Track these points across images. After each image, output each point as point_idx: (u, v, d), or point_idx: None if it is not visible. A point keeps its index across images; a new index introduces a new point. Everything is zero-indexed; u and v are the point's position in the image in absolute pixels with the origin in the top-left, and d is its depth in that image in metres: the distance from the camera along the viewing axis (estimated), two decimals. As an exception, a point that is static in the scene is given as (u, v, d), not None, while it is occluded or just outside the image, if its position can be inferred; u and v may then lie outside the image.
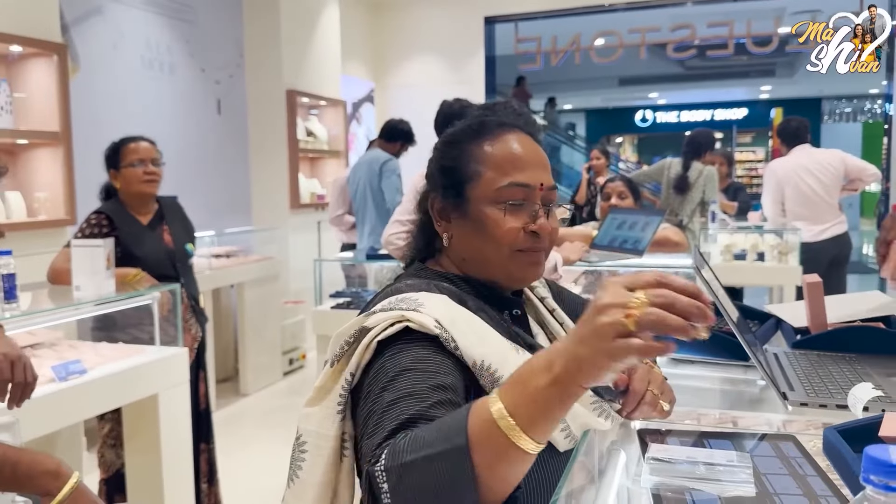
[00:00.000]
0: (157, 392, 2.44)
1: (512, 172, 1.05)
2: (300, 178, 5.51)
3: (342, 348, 0.95)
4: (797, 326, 1.53)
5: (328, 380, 0.96)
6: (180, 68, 5.28)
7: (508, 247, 1.04)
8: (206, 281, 4.43)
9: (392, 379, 0.88)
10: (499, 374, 0.93)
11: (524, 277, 1.09)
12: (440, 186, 1.10)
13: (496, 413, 0.71)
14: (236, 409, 4.70)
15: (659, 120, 17.73)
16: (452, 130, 1.14)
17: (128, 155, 2.72)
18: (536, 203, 1.06)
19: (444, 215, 1.10)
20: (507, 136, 1.08)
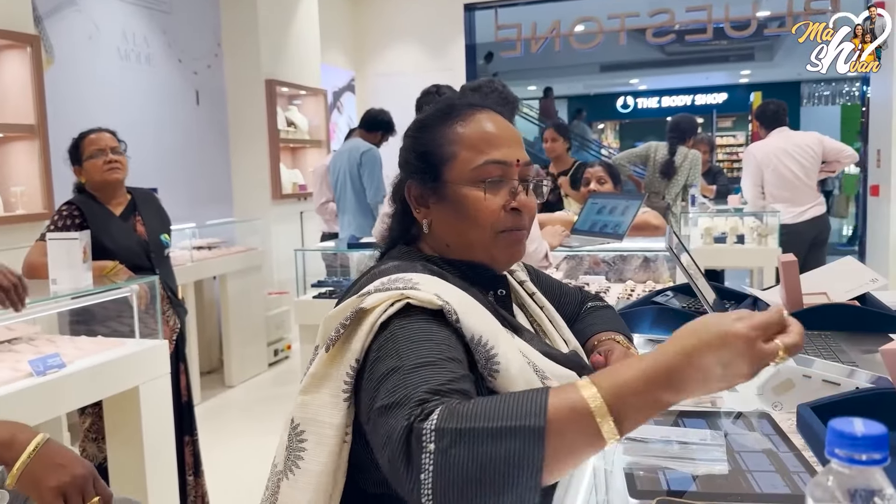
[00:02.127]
0: (138, 385, 2.42)
1: (487, 150, 1.04)
2: (281, 168, 5.48)
3: (337, 332, 0.92)
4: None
5: (323, 366, 0.93)
6: (157, 59, 5.21)
7: (491, 227, 1.04)
8: (188, 273, 4.41)
9: (408, 347, 0.85)
10: (494, 352, 0.92)
11: (509, 258, 1.08)
12: (416, 172, 1.08)
13: (591, 399, 0.70)
14: (222, 400, 4.69)
15: (640, 106, 17.76)
16: (422, 116, 1.13)
17: (87, 147, 2.70)
18: (515, 179, 1.05)
19: (422, 201, 1.09)
20: (477, 115, 1.07)
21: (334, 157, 4.87)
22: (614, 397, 0.70)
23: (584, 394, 0.71)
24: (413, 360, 0.84)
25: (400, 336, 0.87)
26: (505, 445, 0.69)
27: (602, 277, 3.20)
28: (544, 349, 1.02)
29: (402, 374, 0.82)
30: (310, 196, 5.51)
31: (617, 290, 3.00)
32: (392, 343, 0.87)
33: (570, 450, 0.70)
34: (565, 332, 1.14)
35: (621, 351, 1.08)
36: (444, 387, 0.80)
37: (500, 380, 0.92)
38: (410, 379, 0.81)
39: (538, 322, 1.14)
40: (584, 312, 1.28)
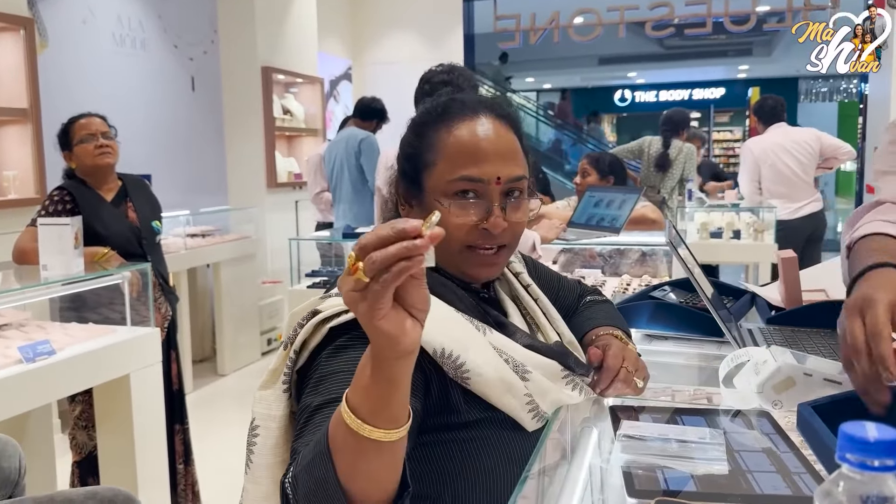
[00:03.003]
0: (129, 373, 2.40)
1: (465, 165, 0.98)
2: (277, 156, 5.44)
3: (294, 331, 0.92)
4: (773, 303, 1.53)
5: (280, 362, 0.94)
6: (152, 44, 5.17)
7: (456, 242, 0.99)
8: (181, 260, 4.37)
9: (322, 380, 0.86)
10: (461, 361, 0.91)
11: (476, 276, 1.04)
12: (402, 171, 1.07)
13: (343, 411, 0.68)
14: (214, 389, 4.67)
15: (637, 99, 17.71)
16: (420, 112, 1.09)
17: (77, 132, 2.67)
18: (491, 200, 0.98)
19: (406, 199, 1.07)
20: (469, 122, 1.01)
21: (330, 146, 4.84)
22: (354, 399, 0.68)
23: (340, 406, 0.70)
24: (322, 397, 0.84)
25: (324, 366, 0.88)
26: (315, 475, 0.71)
27: (598, 271, 3.19)
28: (528, 342, 1.01)
29: (306, 416, 0.83)
30: (305, 185, 5.48)
31: (613, 284, 2.98)
32: (318, 371, 0.88)
33: (356, 458, 0.69)
34: (559, 325, 1.12)
35: (619, 346, 1.07)
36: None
37: (476, 384, 0.92)
38: (311, 421, 0.82)
39: (532, 315, 1.12)
40: (582, 306, 1.27)
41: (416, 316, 0.64)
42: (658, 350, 1.35)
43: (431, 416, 0.91)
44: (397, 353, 0.64)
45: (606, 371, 1.02)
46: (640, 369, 1.06)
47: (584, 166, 3.44)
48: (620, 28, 7.17)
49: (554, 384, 0.98)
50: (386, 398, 0.67)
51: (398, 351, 0.64)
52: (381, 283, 0.60)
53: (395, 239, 0.61)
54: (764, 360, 0.99)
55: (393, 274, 0.60)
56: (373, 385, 0.66)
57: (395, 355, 0.64)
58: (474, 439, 0.93)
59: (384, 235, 0.61)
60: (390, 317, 0.62)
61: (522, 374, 0.95)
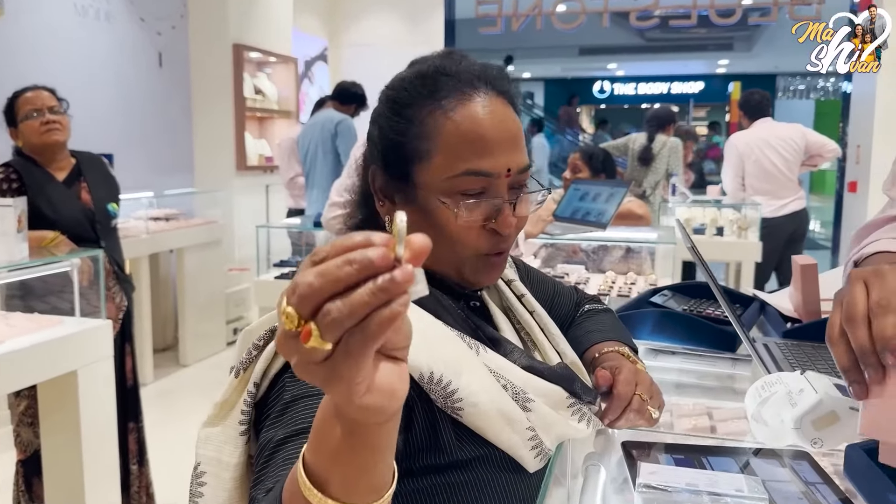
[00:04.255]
0: (77, 368, 2.21)
1: (469, 157, 0.81)
2: (247, 138, 5.22)
3: (249, 353, 0.75)
4: (785, 313, 1.39)
5: (233, 393, 0.76)
6: (118, 17, 4.91)
7: (464, 248, 0.84)
8: (142, 245, 4.16)
9: (287, 407, 0.70)
10: (453, 388, 0.75)
11: (478, 282, 0.89)
12: (381, 161, 0.87)
13: (301, 482, 0.50)
14: (175, 380, 4.47)
15: (617, 92, 17.65)
16: (399, 87, 0.86)
17: (23, 107, 2.46)
18: (500, 196, 0.83)
19: (386, 194, 0.88)
20: (468, 103, 0.82)
21: (305, 129, 4.66)
22: (315, 459, 0.50)
23: (297, 464, 0.52)
24: (286, 428, 0.68)
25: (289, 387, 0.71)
26: None
27: (581, 267, 3.05)
28: (527, 363, 0.84)
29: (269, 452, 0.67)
30: (276, 169, 5.27)
31: (597, 282, 2.85)
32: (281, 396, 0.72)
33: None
34: (560, 343, 0.96)
35: (630, 369, 0.91)
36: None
37: (469, 416, 0.76)
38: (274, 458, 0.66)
39: (527, 330, 0.96)
40: (580, 317, 1.11)
41: (399, 357, 0.46)
42: (665, 367, 1.20)
43: (414, 457, 0.75)
44: (386, 417, 0.47)
45: (617, 399, 0.87)
46: (655, 396, 0.91)
47: (576, 161, 3.28)
48: (604, 17, 7.03)
49: (558, 414, 0.82)
50: (367, 467, 0.49)
51: (387, 415, 0.47)
52: (355, 350, 0.41)
53: (357, 277, 0.41)
54: (800, 388, 0.85)
55: (370, 334, 0.41)
56: (348, 452, 0.48)
57: (383, 419, 0.47)
58: (466, 483, 0.77)
59: (341, 275, 0.41)
60: (373, 385, 0.44)
61: (523, 402, 0.79)
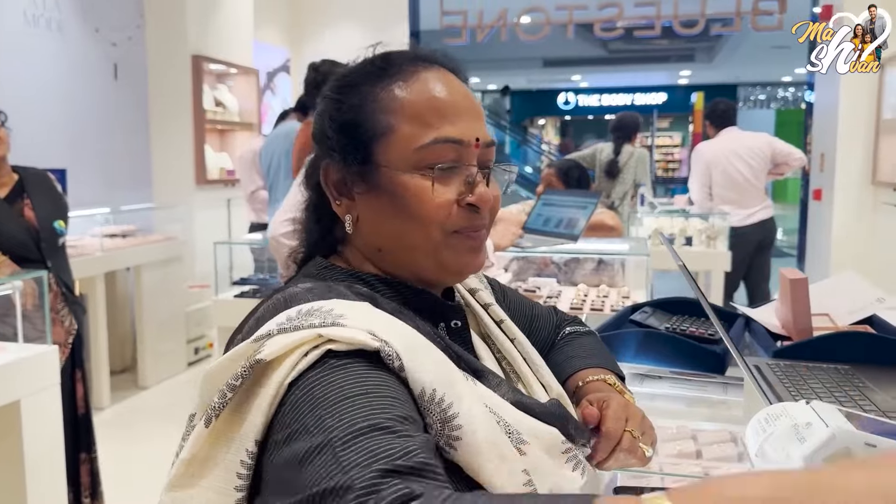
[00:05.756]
0: (19, 398, 2.06)
1: (437, 124, 0.76)
2: (207, 151, 5.07)
3: (223, 397, 0.63)
4: (772, 329, 1.32)
5: (204, 446, 0.64)
6: (70, 27, 4.74)
7: (440, 227, 0.77)
8: (96, 264, 4.00)
9: (334, 409, 0.58)
10: (453, 412, 0.64)
11: (461, 268, 0.80)
12: (336, 149, 0.79)
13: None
14: (133, 403, 4.29)
15: (581, 103, 17.79)
16: (347, 71, 0.82)
17: None
18: (472, 164, 0.78)
19: (343, 190, 0.80)
20: (423, 73, 0.79)
21: (267, 141, 4.53)
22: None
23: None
24: (345, 428, 0.56)
25: (320, 394, 0.60)
26: None
27: (553, 280, 2.98)
28: (515, 398, 0.74)
29: (332, 452, 0.55)
30: (238, 182, 5.13)
31: (569, 295, 2.77)
32: (310, 407, 0.59)
33: None
34: (545, 375, 0.86)
35: (620, 403, 0.82)
36: (402, 463, 0.54)
37: (463, 451, 0.65)
38: (346, 456, 0.54)
39: (508, 360, 0.86)
40: (560, 341, 1.02)
41: None
42: (653, 393, 1.12)
43: None
44: None
45: (606, 438, 0.78)
46: (647, 432, 0.81)
47: (550, 178, 3.21)
48: (569, 28, 7.03)
49: (553, 461, 0.72)
50: None
51: None
52: None
53: None
54: (807, 422, 0.76)
55: None
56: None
57: None
58: None
59: None
60: None
61: (517, 443, 0.69)
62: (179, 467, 0.65)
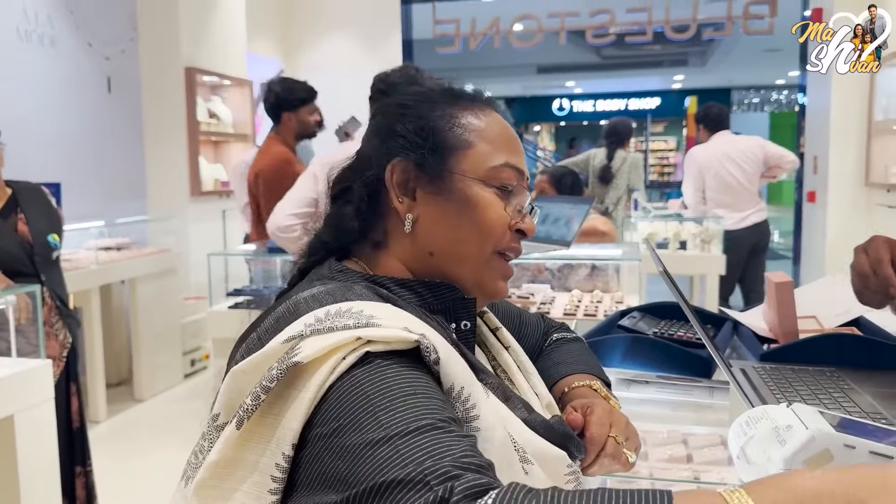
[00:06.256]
0: (13, 413, 2.06)
1: (508, 152, 0.83)
2: (202, 162, 5.08)
3: (257, 399, 0.62)
4: (759, 332, 1.33)
5: (234, 447, 0.63)
6: (63, 42, 4.76)
7: (494, 243, 0.81)
8: (91, 277, 4.00)
9: (388, 405, 0.59)
10: (475, 413, 0.66)
11: (493, 292, 0.84)
12: (412, 148, 0.81)
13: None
14: (130, 416, 4.28)
15: (575, 109, 17.83)
16: (425, 88, 0.87)
17: None
18: (525, 195, 0.85)
19: (406, 189, 0.81)
20: (488, 111, 0.86)
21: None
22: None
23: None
24: (404, 425, 0.57)
25: (371, 391, 0.60)
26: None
27: (547, 286, 2.98)
28: (523, 415, 0.74)
29: (393, 446, 0.56)
30: (232, 193, 5.13)
31: (563, 301, 2.78)
32: (362, 403, 0.60)
33: None
34: (537, 384, 0.88)
35: (604, 409, 0.83)
36: (468, 460, 0.55)
37: None
38: (409, 450, 0.55)
39: (504, 368, 0.87)
40: (547, 347, 1.03)
41: None
42: (639, 398, 1.13)
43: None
44: None
45: (590, 444, 0.78)
46: (631, 438, 0.82)
47: (543, 185, 3.22)
48: (561, 35, 7.05)
49: (551, 483, 0.71)
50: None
51: None
52: None
53: None
54: (788, 424, 0.77)
55: None
56: None
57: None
58: None
59: None
60: None
61: (522, 462, 0.69)
62: (208, 469, 0.64)
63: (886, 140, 4.72)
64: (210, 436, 0.68)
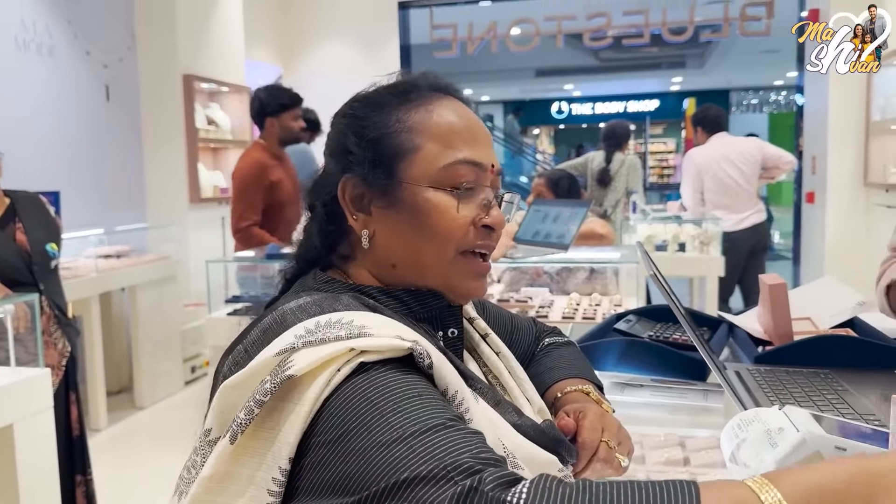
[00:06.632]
0: (12, 422, 2.06)
1: (462, 147, 0.79)
2: (201, 169, 5.09)
3: (250, 413, 0.62)
4: (754, 335, 1.33)
5: (227, 462, 0.63)
6: (61, 51, 4.77)
7: (455, 245, 0.79)
8: (91, 285, 4.00)
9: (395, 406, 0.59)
10: (469, 416, 0.67)
11: (466, 292, 0.82)
12: (358, 164, 0.80)
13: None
14: (130, 424, 4.28)
15: (574, 112, 17.83)
16: (371, 92, 0.84)
17: None
18: (488, 188, 0.81)
19: (361, 205, 0.81)
20: (443, 101, 0.82)
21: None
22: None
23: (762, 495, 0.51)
24: (414, 425, 0.58)
25: (374, 396, 0.61)
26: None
27: (545, 290, 2.99)
28: (513, 419, 0.75)
29: (408, 444, 0.56)
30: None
31: (561, 304, 2.78)
32: (367, 407, 0.60)
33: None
34: (528, 389, 0.87)
35: (596, 413, 0.83)
36: (485, 455, 0.56)
37: None
38: (425, 449, 0.56)
39: (495, 373, 0.87)
40: (539, 352, 1.03)
41: None
42: (633, 402, 1.13)
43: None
44: None
45: (583, 448, 0.79)
46: (624, 442, 0.82)
47: (540, 188, 3.22)
48: (558, 38, 7.07)
49: None
50: None
51: None
52: None
53: None
54: (779, 426, 0.77)
55: None
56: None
57: None
58: None
59: None
60: None
61: (512, 465, 0.69)
62: (201, 484, 0.64)
63: (884, 140, 4.72)
64: (203, 450, 0.68)
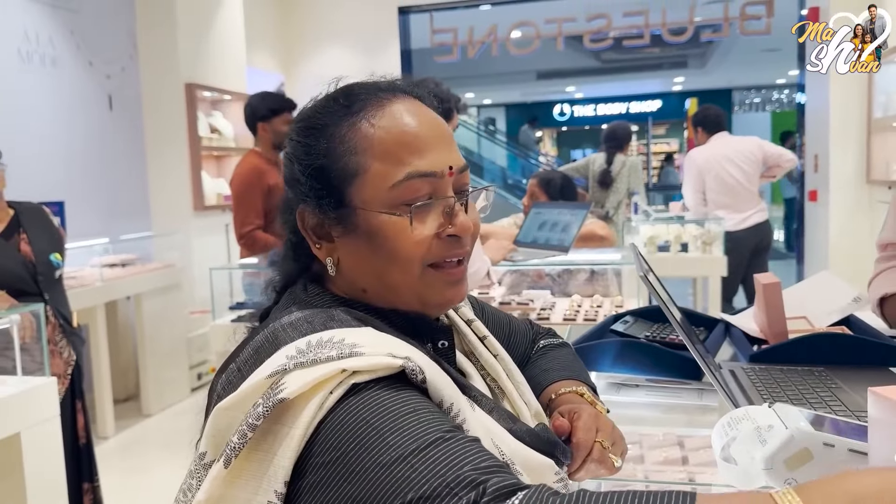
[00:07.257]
0: (20, 431, 2.08)
1: (408, 159, 0.74)
2: (204, 177, 5.12)
3: (244, 437, 0.62)
4: (750, 334, 1.34)
5: (222, 485, 0.63)
6: (64, 62, 4.80)
7: (420, 262, 0.76)
8: (96, 294, 4.03)
9: (394, 422, 0.60)
10: (465, 427, 0.67)
11: (443, 303, 0.80)
12: (309, 195, 0.78)
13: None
14: (138, 431, 4.30)
15: (576, 114, 17.83)
16: (310, 112, 0.80)
17: None
18: (448, 195, 0.77)
19: (322, 233, 0.79)
20: (389, 107, 0.77)
21: (261, 165, 4.56)
22: None
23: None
24: (412, 442, 0.58)
25: (369, 416, 0.61)
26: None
27: (547, 292, 3.00)
28: (508, 425, 0.74)
29: (409, 463, 0.56)
30: (235, 207, 5.16)
31: (563, 306, 2.79)
32: (363, 428, 0.60)
33: None
34: (525, 392, 0.88)
35: (590, 414, 0.84)
36: (487, 464, 0.57)
37: None
38: (428, 465, 0.56)
39: (493, 376, 0.87)
40: (535, 354, 1.04)
41: None
42: (628, 402, 1.14)
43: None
44: None
45: (577, 449, 0.79)
46: (617, 443, 0.83)
47: (533, 188, 3.23)
48: (558, 40, 7.08)
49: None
50: None
51: None
52: None
53: None
54: (769, 424, 0.78)
55: None
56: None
57: None
58: None
59: None
60: None
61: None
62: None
63: (886, 137, 4.72)
64: (198, 474, 0.68)
